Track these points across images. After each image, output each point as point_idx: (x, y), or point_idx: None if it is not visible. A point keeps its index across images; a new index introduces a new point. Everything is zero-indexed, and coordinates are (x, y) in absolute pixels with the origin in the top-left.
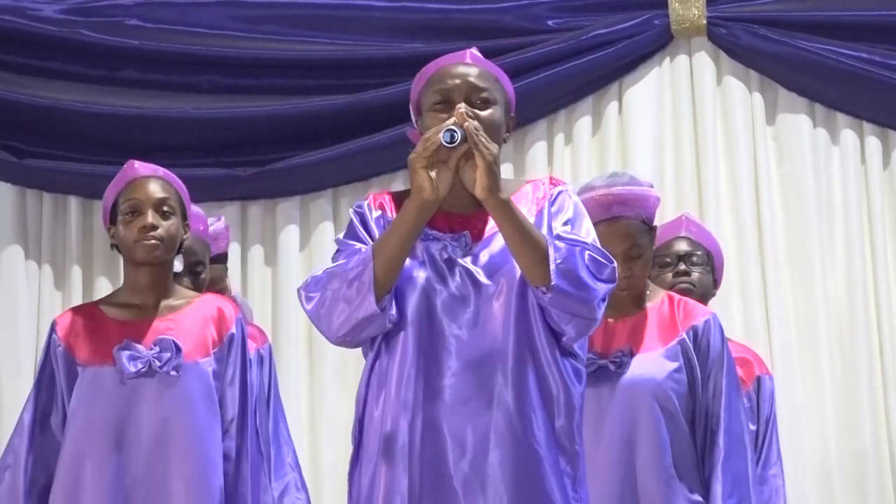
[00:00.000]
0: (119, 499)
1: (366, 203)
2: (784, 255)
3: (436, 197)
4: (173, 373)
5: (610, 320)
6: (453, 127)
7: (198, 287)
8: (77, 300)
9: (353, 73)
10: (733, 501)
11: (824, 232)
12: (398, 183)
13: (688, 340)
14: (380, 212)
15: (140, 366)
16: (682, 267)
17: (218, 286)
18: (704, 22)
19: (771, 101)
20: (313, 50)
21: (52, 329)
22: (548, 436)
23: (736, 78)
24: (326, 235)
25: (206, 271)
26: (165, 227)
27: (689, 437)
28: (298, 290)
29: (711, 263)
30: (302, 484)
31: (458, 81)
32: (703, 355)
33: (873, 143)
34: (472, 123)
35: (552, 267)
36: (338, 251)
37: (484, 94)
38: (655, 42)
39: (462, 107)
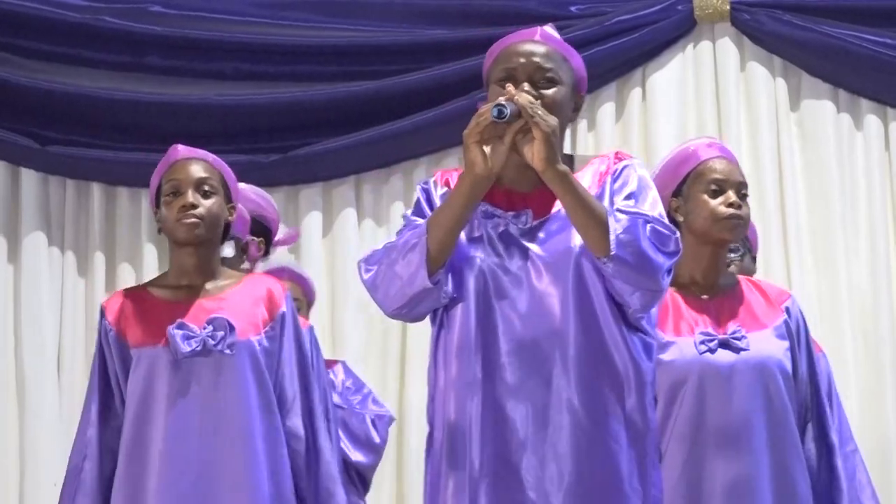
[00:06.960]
0: (178, 480)
1: (432, 180)
2: (807, 242)
3: (488, 172)
4: (228, 351)
5: (704, 297)
6: (503, 102)
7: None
8: (100, 287)
9: (376, 60)
10: (852, 448)
11: (848, 218)
12: (420, 169)
13: (788, 319)
14: (445, 188)
15: (195, 345)
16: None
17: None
18: (728, 7)
19: (794, 87)
20: (336, 36)
21: (102, 314)
22: (614, 414)
23: (759, 64)
24: (349, 222)
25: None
26: (206, 206)
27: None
28: (359, 262)
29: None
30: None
31: (522, 60)
32: (795, 332)
33: None
34: (526, 98)
35: (612, 237)
36: (403, 227)
37: (549, 74)
38: (679, 28)
39: (511, 87)
